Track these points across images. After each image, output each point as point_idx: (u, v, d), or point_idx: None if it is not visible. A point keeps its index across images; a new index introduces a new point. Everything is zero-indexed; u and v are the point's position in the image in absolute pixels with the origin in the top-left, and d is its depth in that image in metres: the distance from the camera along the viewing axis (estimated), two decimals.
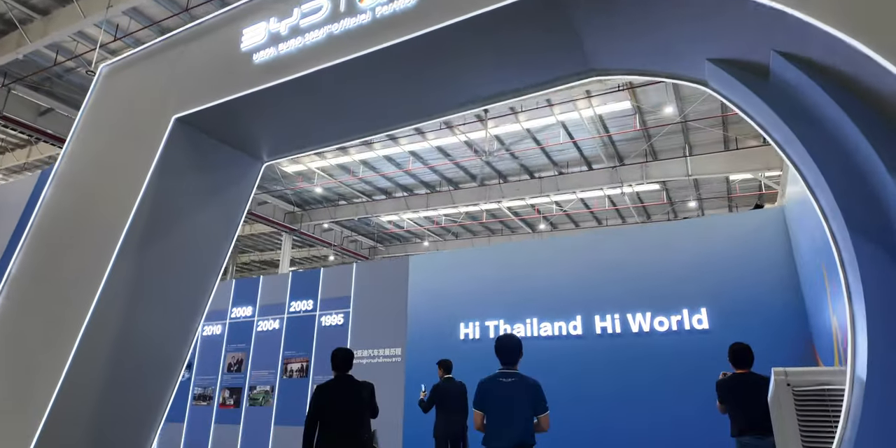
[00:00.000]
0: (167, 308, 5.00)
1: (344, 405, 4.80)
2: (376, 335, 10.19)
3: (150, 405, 4.86)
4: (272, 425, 10.44)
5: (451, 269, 10.08)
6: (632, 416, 7.80)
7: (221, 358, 11.49)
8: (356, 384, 4.96)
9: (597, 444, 7.85)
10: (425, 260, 10.71)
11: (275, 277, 11.85)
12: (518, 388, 3.73)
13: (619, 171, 17.79)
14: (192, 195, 5.18)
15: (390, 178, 19.74)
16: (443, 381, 7.29)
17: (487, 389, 3.80)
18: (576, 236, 10.41)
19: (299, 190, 20.93)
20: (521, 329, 9.03)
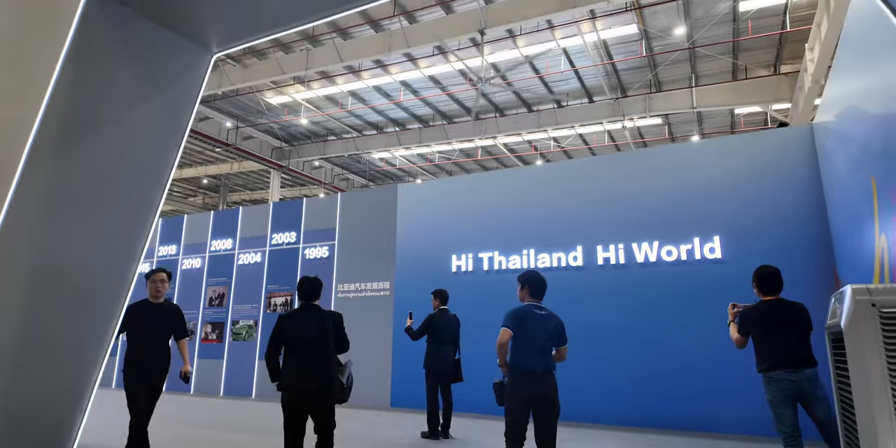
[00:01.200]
0: (96, 235, 4.06)
1: (309, 336, 4.07)
2: (363, 268, 9.43)
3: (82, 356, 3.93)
4: (256, 360, 9.88)
5: (443, 198, 9.19)
6: (637, 351, 7.17)
7: (202, 292, 10.79)
8: (322, 314, 4.21)
9: (600, 381, 7.26)
10: (415, 189, 9.81)
11: (256, 209, 10.99)
12: (549, 321, 3.94)
13: (621, 103, 16.62)
14: (122, 91, 4.15)
15: (381, 111, 18.47)
16: (437, 312, 6.57)
17: (524, 316, 3.93)
18: (577, 162, 9.44)
19: (286, 124, 19.67)
20: (516, 261, 8.27)
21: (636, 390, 7.04)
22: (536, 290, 4.00)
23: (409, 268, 8.99)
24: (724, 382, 6.59)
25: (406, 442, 6.09)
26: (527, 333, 3.82)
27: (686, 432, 6.57)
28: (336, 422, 4.11)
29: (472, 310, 8.01)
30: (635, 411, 7.00)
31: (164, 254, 11.49)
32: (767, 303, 4.11)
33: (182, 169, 25.61)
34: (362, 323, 9.13)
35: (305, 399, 3.93)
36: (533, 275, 4.07)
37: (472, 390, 7.13)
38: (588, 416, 7.18)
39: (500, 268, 8.33)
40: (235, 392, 9.88)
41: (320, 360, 3.98)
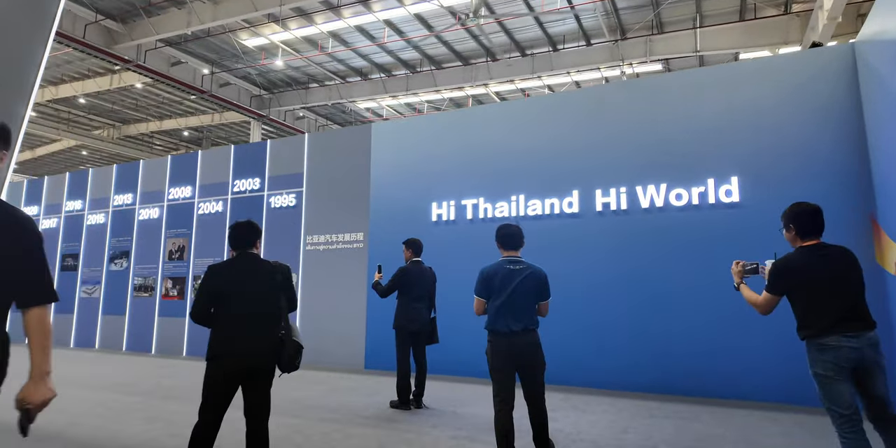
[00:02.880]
0: None
1: (254, 290, 3.05)
2: (334, 218, 8.25)
3: None
4: None
5: (422, 138, 7.91)
6: (640, 309, 6.11)
7: (161, 245, 9.63)
8: (266, 265, 3.18)
9: (597, 342, 6.24)
10: (391, 128, 8.49)
11: (214, 152, 9.69)
12: (524, 275, 3.53)
13: (620, 46, 15.11)
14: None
15: (364, 55, 16.82)
16: (410, 264, 5.46)
17: (493, 275, 3.55)
18: (572, 94, 8.07)
19: (264, 69, 18.01)
20: (504, 208, 7.09)
21: (637, 352, 6.04)
22: (508, 242, 3.67)
23: (385, 217, 7.82)
24: (738, 343, 5.57)
25: (370, 413, 5.09)
26: (500, 292, 3.47)
27: (690, 398, 5.61)
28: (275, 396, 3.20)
29: (455, 263, 6.91)
30: (636, 375, 6.02)
31: (120, 203, 10.25)
32: (809, 249, 2.97)
33: (162, 121, 23.99)
34: (334, 278, 8.05)
35: (245, 371, 2.99)
36: (502, 228, 3.72)
37: (447, 351, 6.12)
38: (583, 380, 6.20)
39: (485, 216, 7.17)
40: (198, 353, 8.89)
41: (269, 321, 3.07)
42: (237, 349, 2.93)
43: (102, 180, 10.63)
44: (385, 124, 8.39)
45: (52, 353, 1.85)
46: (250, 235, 3.19)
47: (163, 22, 15.00)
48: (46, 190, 11.36)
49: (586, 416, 4.96)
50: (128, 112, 23.28)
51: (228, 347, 2.93)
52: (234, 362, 2.93)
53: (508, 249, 3.64)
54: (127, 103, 22.29)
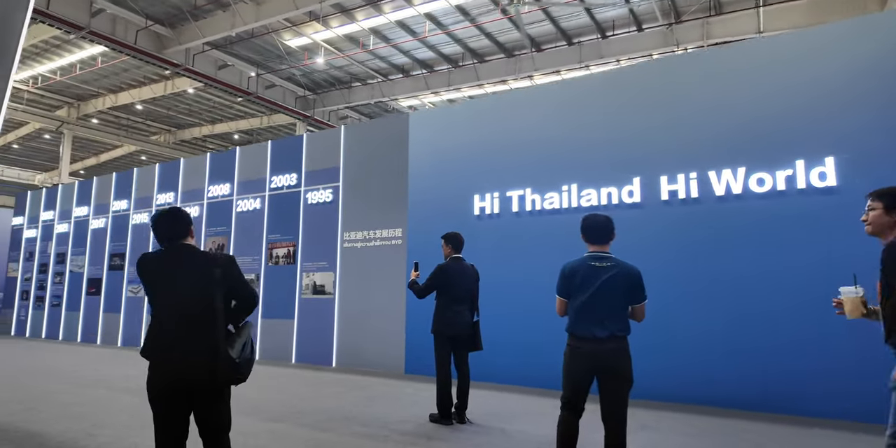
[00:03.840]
0: None
1: (184, 290, 2.43)
2: (371, 213, 7.68)
3: None
4: (259, 318, 8.43)
5: (461, 126, 7.21)
6: (713, 313, 5.21)
7: (202, 243, 9.33)
8: (202, 257, 2.54)
9: (664, 350, 5.37)
10: (429, 116, 7.83)
11: (253, 148, 9.30)
12: (610, 274, 2.96)
13: (674, 30, 13.95)
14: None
15: (406, 50, 16.29)
16: (449, 261, 4.77)
17: (572, 273, 3.03)
18: (631, 69, 7.07)
19: (308, 70, 17.78)
20: (554, 199, 6.31)
21: (712, 362, 5.13)
22: (591, 235, 3.13)
23: (424, 211, 7.17)
24: (831, 354, 4.60)
25: (408, 428, 4.44)
26: (580, 291, 2.97)
27: (768, 415, 4.67)
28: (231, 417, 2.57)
29: (498, 261, 6.21)
30: (709, 388, 5.12)
31: (163, 202, 10.05)
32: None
33: (214, 124, 24.32)
34: (371, 276, 7.47)
35: (181, 385, 2.35)
36: (586, 219, 3.20)
37: (493, 357, 5.41)
38: (648, 392, 5.35)
39: (532, 208, 6.41)
40: None
41: (202, 326, 2.39)
42: (167, 362, 2.33)
43: (146, 180, 10.49)
44: (423, 113, 7.74)
45: None
46: (177, 226, 2.54)
47: (208, 25, 14.94)
48: (95, 190, 11.36)
49: (662, 438, 4.13)
50: (182, 117, 23.69)
51: (158, 359, 2.34)
52: (166, 376, 2.32)
53: (594, 243, 3.12)
54: (181, 108, 22.67)
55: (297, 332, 8.00)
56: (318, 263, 7.96)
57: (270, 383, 6.39)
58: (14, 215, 13.21)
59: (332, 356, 7.63)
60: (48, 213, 12.11)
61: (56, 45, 17.52)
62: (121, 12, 14.79)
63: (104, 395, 5.71)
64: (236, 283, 2.50)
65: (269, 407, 5.13)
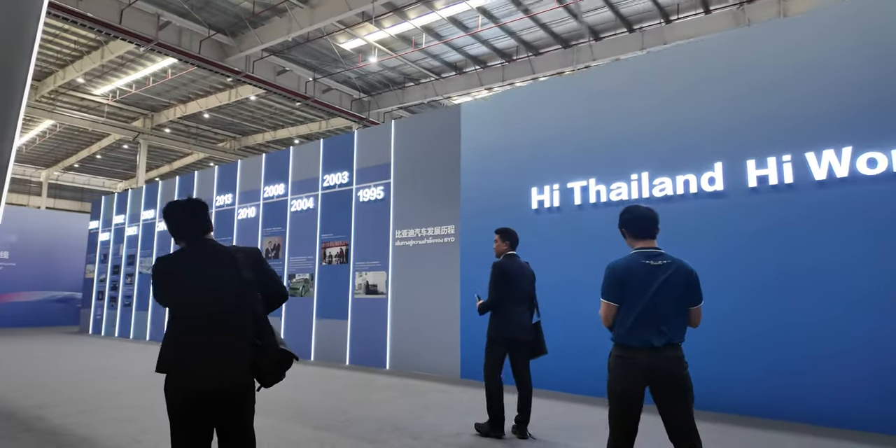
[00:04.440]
0: None
1: (215, 292, 2.16)
2: (423, 210, 7.28)
3: None
4: (314, 318, 8.22)
5: (517, 114, 6.68)
6: (809, 318, 4.42)
7: (258, 244, 9.28)
8: (229, 254, 2.24)
9: (741, 360, 4.63)
10: (483, 106, 7.32)
11: (306, 147, 9.14)
12: (668, 273, 2.50)
13: (746, 10, 12.79)
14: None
15: (459, 47, 15.89)
16: (504, 259, 4.27)
17: (626, 274, 2.52)
18: (710, 40, 6.19)
19: (362, 72, 17.74)
20: (622, 190, 5.66)
21: (800, 373, 4.35)
22: (639, 228, 2.67)
23: (478, 207, 6.69)
24: None
25: (464, 441, 3.97)
26: (637, 295, 2.51)
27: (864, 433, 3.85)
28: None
29: (560, 258, 5.65)
30: (798, 402, 4.34)
31: (221, 204, 10.11)
32: None
33: (276, 130, 24.89)
34: (425, 275, 7.07)
35: (216, 399, 2.08)
36: (629, 210, 2.74)
37: (553, 364, 4.87)
38: (713, 403, 4.64)
39: (597, 201, 5.79)
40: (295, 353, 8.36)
41: (239, 331, 2.15)
42: (194, 365, 2.04)
43: (206, 182, 10.61)
44: (475, 103, 7.25)
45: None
46: (199, 219, 2.23)
47: (266, 31, 15.13)
48: (161, 194, 11.65)
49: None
50: (245, 124, 24.39)
51: (193, 372, 2.04)
52: (193, 383, 2.03)
53: (641, 238, 2.64)
54: (244, 116, 23.33)
55: (351, 332, 7.72)
56: (371, 263, 7.66)
57: (322, 386, 6.12)
58: (91, 219, 13.86)
59: (386, 358, 7.29)
60: (119, 217, 12.57)
61: (131, 60, 18.35)
62: (186, 24, 15.25)
63: (157, 397, 5.59)
64: (268, 280, 2.28)
65: (317, 413, 4.82)
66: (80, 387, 6.14)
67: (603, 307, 2.57)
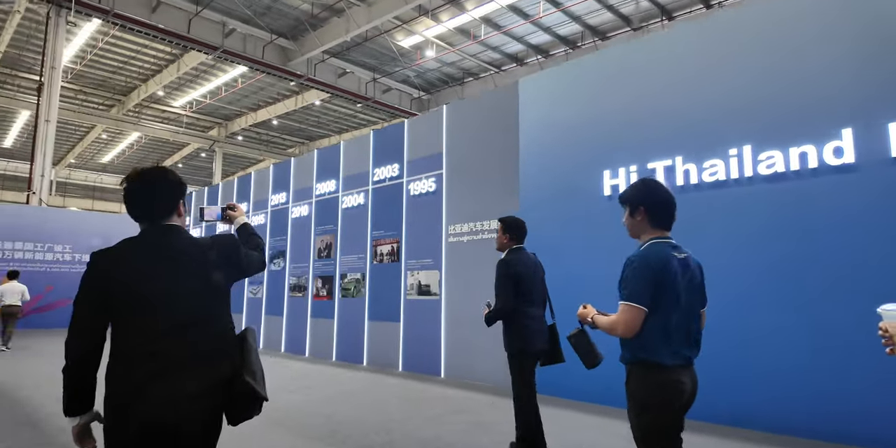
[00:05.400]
0: None
1: (177, 292, 1.58)
2: (478, 202, 6.47)
3: None
4: (366, 320, 7.62)
5: (585, 86, 5.72)
6: None
7: (311, 243, 8.83)
8: (193, 249, 1.66)
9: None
10: (543, 80, 6.35)
11: (357, 140, 8.57)
12: (692, 267, 2.04)
13: None
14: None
15: (520, 37, 14.98)
16: (510, 255, 3.49)
17: (665, 270, 1.93)
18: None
19: (421, 70, 17.24)
20: (717, 168, 4.59)
21: None
22: (669, 217, 2.04)
23: (540, 196, 5.79)
24: None
25: None
26: (670, 297, 1.90)
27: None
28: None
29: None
30: None
31: (276, 203, 9.79)
32: None
33: (341, 134, 24.98)
34: (480, 275, 6.23)
35: (169, 432, 1.50)
36: (660, 192, 2.06)
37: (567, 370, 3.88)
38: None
39: (685, 182, 4.73)
40: (349, 358, 7.79)
41: (212, 342, 1.62)
42: (153, 395, 1.46)
43: (262, 182, 10.36)
44: (535, 78, 6.32)
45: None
46: (160, 197, 1.66)
47: (326, 33, 14.96)
48: (221, 196, 11.58)
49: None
50: (312, 129, 24.64)
51: (136, 394, 1.46)
52: (146, 413, 1.45)
53: (663, 228, 2.07)
54: (310, 121, 23.55)
55: (404, 336, 7.03)
56: (423, 261, 6.94)
57: (369, 397, 5.44)
58: None
59: (441, 365, 6.53)
60: (185, 220, 12.70)
61: (203, 71, 18.89)
62: (249, 30, 15.37)
63: None
64: (247, 267, 1.81)
65: (358, 431, 4.13)
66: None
67: (628, 313, 1.90)
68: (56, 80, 14.71)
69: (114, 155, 27.62)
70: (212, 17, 14.65)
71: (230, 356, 1.61)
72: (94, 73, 19.48)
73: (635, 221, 2.05)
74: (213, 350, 1.58)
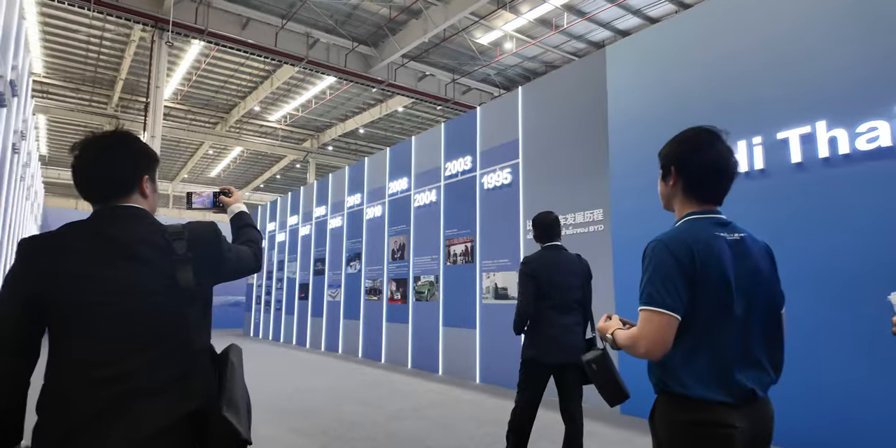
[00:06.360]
0: None
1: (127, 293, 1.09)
2: (561, 192, 5.60)
3: None
4: (440, 326, 6.97)
5: (689, 47, 4.68)
6: None
7: (385, 244, 8.37)
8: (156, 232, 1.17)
9: None
10: (636, 44, 5.30)
11: (428, 134, 8.00)
12: (751, 251, 1.36)
13: None
14: None
15: (606, 23, 13.77)
16: (535, 253, 3.09)
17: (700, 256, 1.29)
18: None
19: (502, 67, 16.51)
20: (879, 131, 3.41)
21: None
22: (715, 181, 1.39)
23: (635, 182, 4.81)
24: None
25: None
26: (712, 300, 1.27)
27: None
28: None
29: (775, 242, 3.52)
30: None
31: (352, 204, 9.48)
32: None
33: None
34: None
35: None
36: (702, 148, 1.39)
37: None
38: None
39: (831, 153, 3.58)
40: (424, 366, 7.19)
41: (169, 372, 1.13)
42: (96, 438, 1.05)
43: (339, 183, 10.14)
44: (626, 43, 5.28)
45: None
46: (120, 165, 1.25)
47: (404, 36, 14.74)
48: (302, 200, 11.56)
49: None
50: (396, 136, 24.75)
51: (74, 436, 1.05)
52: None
53: (707, 201, 1.38)
54: (395, 128, 23.65)
55: (481, 345, 6.29)
56: (499, 261, 6.17)
57: (439, 414, 4.77)
58: None
59: None
60: (271, 224, 12.89)
61: (294, 85, 19.54)
62: (332, 39, 15.55)
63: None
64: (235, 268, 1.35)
65: None
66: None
67: (650, 323, 1.25)
68: (160, 98, 15.75)
69: (220, 169, 29.63)
70: (296, 29, 14.98)
71: (204, 383, 1.17)
72: (200, 94, 20.86)
73: (667, 188, 1.46)
74: (180, 375, 1.14)
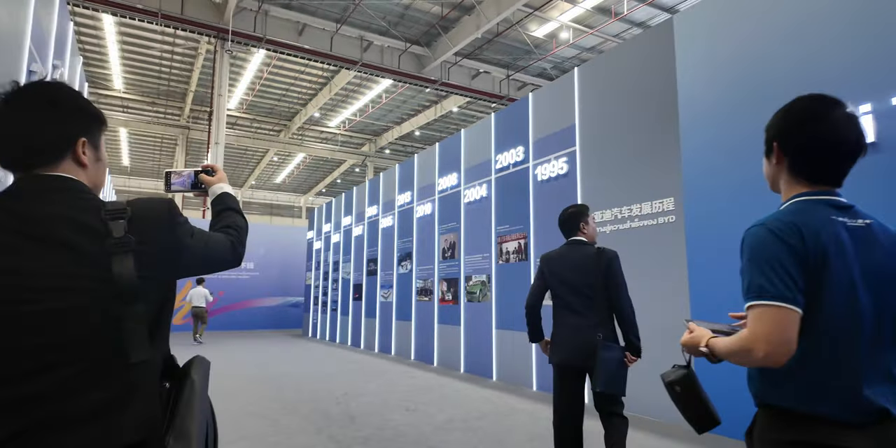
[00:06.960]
0: None
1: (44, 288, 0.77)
2: (624, 181, 4.99)
3: None
4: (493, 329, 6.49)
5: (777, 5, 3.98)
6: None
7: (435, 243, 8.00)
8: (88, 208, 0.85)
9: None
10: (710, 10, 4.62)
11: (477, 127, 7.52)
12: (886, 241, 1.05)
13: None
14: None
15: (670, 7, 12.79)
16: (561, 248, 2.97)
17: (818, 243, 1.00)
18: None
19: (558, 60, 15.80)
20: None
21: None
22: (808, 160, 1.10)
23: (711, 166, 4.15)
24: None
25: None
26: (831, 295, 0.97)
27: None
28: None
29: None
30: None
31: (402, 203, 9.19)
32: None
33: None
34: (631, 274, 4.73)
35: None
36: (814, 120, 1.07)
37: None
38: None
39: None
40: (477, 371, 6.74)
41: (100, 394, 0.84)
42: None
43: (389, 182, 9.90)
44: (697, 9, 4.58)
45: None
46: (47, 124, 0.93)
47: (457, 34, 14.42)
48: (356, 200, 11.44)
49: None
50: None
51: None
52: None
53: (820, 181, 1.10)
54: (450, 129, 23.39)
55: (537, 349, 5.77)
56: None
57: (489, 425, 4.31)
58: (308, 230, 14.72)
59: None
60: (327, 226, 12.88)
61: (352, 90, 19.72)
62: (385, 41, 15.48)
63: (294, 422, 4.49)
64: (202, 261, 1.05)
65: None
66: (229, 398, 5.48)
67: (767, 318, 0.95)
68: (222, 106, 16.25)
69: (285, 175, 30.56)
70: (350, 33, 15.03)
71: (145, 409, 0.89)
72: (263, 102, 21.52)
73: (771, 167, 1.21)
74: (111, 399, 0.86)
